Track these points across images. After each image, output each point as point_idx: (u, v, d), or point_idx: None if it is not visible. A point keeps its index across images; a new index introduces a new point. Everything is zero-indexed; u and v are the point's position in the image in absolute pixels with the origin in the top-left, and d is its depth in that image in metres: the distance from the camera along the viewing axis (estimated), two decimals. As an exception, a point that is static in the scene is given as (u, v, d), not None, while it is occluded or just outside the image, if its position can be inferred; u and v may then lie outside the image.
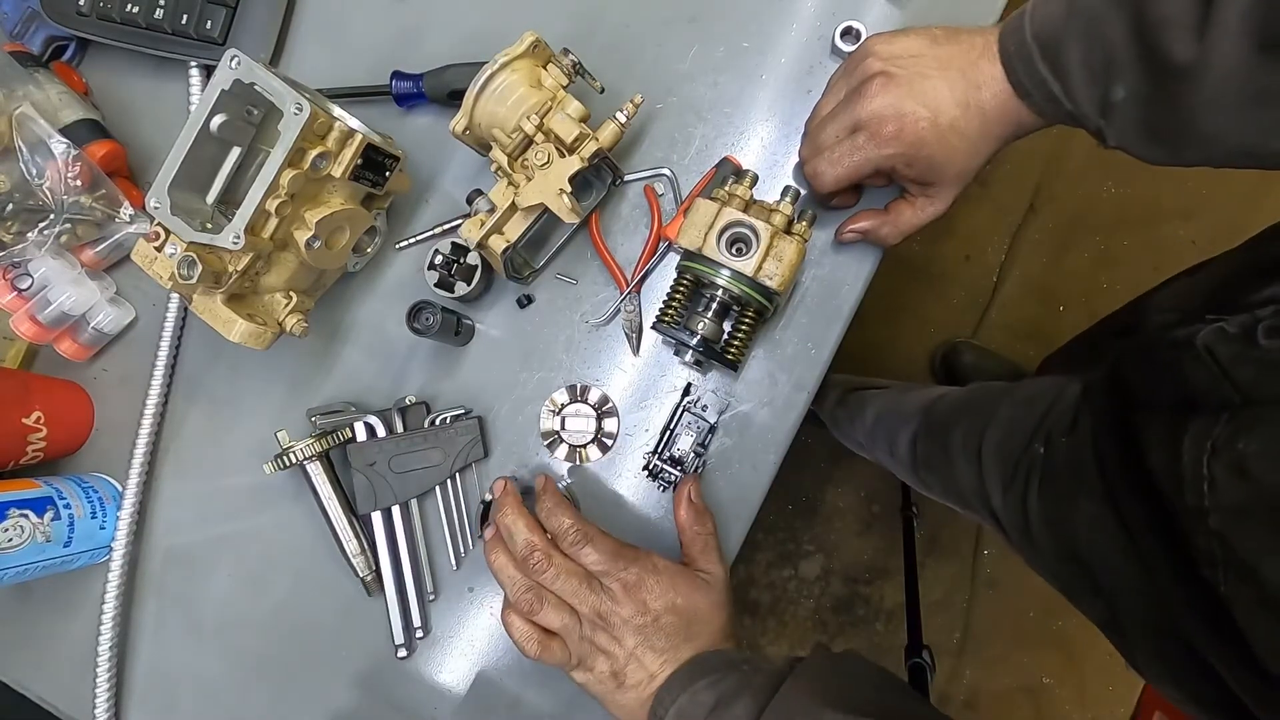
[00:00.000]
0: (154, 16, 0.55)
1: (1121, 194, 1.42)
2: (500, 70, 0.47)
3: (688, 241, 0.48)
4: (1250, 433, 0.36)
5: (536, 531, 0.47)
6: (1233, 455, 0.36)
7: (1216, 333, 0.38)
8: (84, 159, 0.53)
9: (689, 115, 0.56)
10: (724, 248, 0.47)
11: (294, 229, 0.47)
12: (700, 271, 0.48)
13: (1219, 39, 0.33)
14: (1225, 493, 0.36)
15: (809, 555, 1.46)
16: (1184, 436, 0.39)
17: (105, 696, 0.55)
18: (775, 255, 0.47)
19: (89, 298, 0.57)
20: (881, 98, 0.43)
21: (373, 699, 0.56)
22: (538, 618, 0.46)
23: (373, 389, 0.57)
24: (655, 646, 0.44)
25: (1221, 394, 0.38)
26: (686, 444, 0.54)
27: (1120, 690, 1.40)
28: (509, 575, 0.47)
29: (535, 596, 0.46)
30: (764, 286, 0.47)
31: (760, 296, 0.48)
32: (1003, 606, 1.42)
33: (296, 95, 0.42)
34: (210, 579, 0.58)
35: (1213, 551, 0.38)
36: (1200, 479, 0.37)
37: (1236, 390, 0.37)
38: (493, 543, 0.48)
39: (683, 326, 0.51)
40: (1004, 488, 0.62)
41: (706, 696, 0.41)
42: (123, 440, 0.57)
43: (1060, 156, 1.42)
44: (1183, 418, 0.40)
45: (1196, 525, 0.38)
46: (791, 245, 0.47)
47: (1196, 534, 0.38)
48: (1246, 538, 0.35)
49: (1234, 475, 0.36)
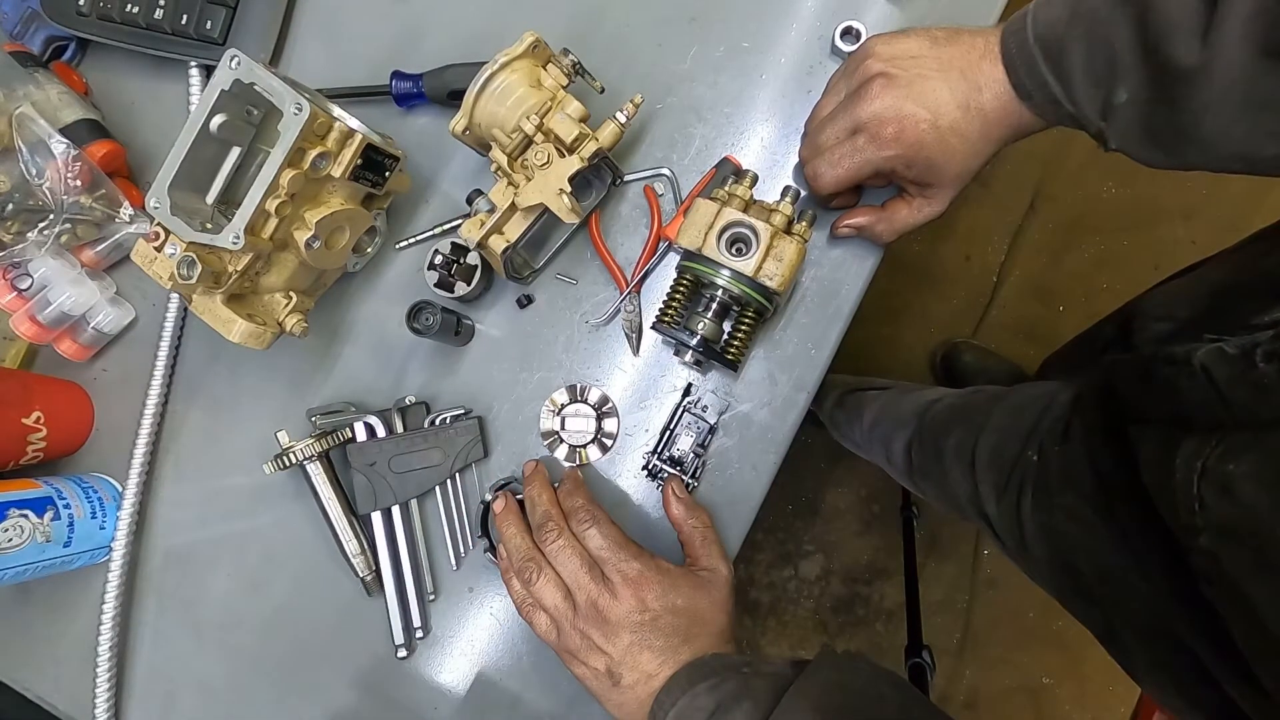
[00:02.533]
0: (154, 16, 0.55)
1: (1121, 194, 1.42)
2: (500, 70, 0.47)
3: (687, 241, 0.48)
4: (1241, 455, 0.35)
5: (557, 506, 0.49)
6: (1222, 476, 0.36)
7: (1215, 353, 0.38)
8: (84, 159, 0.53)
9: (689, 115, 0.56)
10: (724, 248, 0.47)
11: (294, 229, 0.47)
12: (700, 271, 0.48)
13: (1222, 43, 0.33)
14: (1214, 512, 0.36)
15: (809, 555, 1.46)
16: (1176, 454, 0.39)
17: (105, 696, 0.55)
18: (775, 255, 0.47)
19: (89, 298, 0.57)
20: (881, 99, 0.43)
21: (373, 699, 0.56)
22: (534, 588, 0.46)
23: (373, 389, 0.57)
24: (652, 646, 0.44)
25: (1215, 414, 0.38)
26: (686, 444, 0.54)
27: (1120, 690, 1.39)
28: (515, 544, 0.48)
29: (535, 566, 0.47)
30: (764, 286, 0.47)
31: (760, 296, 0.48)
32: (1003, 606, 1.42)
33: (296, 95, 0.42)
34: (210, 579, 0.58)
35: (1207, 569, 0.38)
36: (1191, 498, 0.37)
37: (1230, 412, 0.37)
38: (504, 514, 0.50)
39: (683, 326, 0.51)
40: (998, 495, 0.62)
41: (706, 701, 0.41)
42: (123, 440, 0.57)
43: (1060, 157, 1.42)
44: (1176, 435, 0.39)
45: (1189, 542, 0.38)
46: (791, 245, 0.47)
47: (1191, 551, 0.38)
48: (1234, 558, 0.35)
49: (1222, 496, 0.36)
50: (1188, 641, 0.43)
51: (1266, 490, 0.34)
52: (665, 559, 0.48)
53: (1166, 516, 0.40)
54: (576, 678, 0.46)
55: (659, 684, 0.43)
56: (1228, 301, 0.46)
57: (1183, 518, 0.38)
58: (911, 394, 0.91)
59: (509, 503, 0.51)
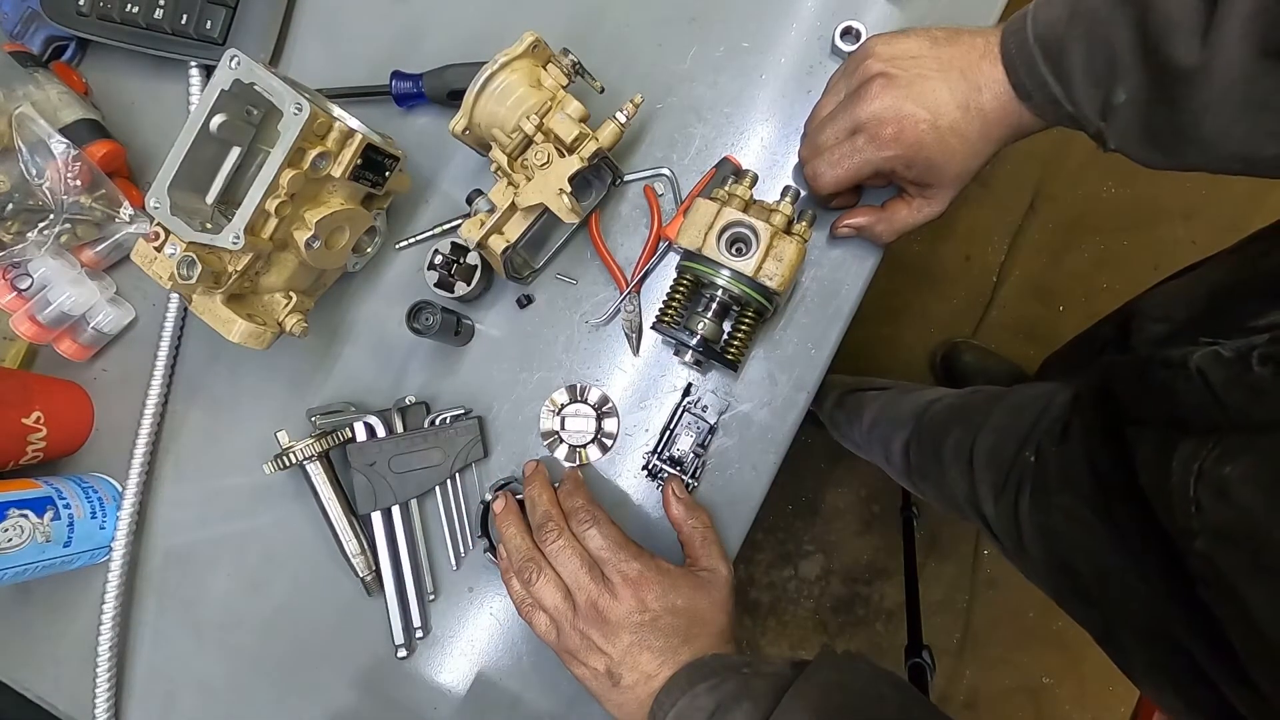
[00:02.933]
0: (154, 16, 0.55)
1: (1121, 194, 1.42)
2: (500, 70, 0.47)
3: (687, 241, 0.48)
4: (1237, 458, 0.36)
5: (557, 506, 0.49)
6: (1218, 479, 0.36)
7: (1211, 356, 0.38)
8: (84, 159, 0.53)
9: (689, 115, 0.56)
10: (724, 248, 0.47)
11: (294, 229, 0.47)
12: (700, 271, 0.48)
13: (1222, 43, 0.33)
14: (1211, 515, 0.36)
15: (809, 555, 1.46)
16: (1173, 456, 0.39)
17: (105, 696, 0.55)
18: (775, 255, 0.47)
19: (89, 298, 0.57)
20: (881, 99, 0.43)
21: (373, 699, 0.56)
22: (533, 589, 0.46)
23: (373, 389, 0.57)
24: (652, 647, 0.44)
25: (1211, 417, 0.38)
26: (686, 444, 0.54)
27: (1120, 690, 1.39)
28: (515, 544, 0.48)
29: (535, 566, 0.47)
30: (764, 286, 0.47)
31: (760, 296, 0.48)
32: (1003, 606, 1.42)
33: (296, 95, 0.42)
34: (210, 579, 0.58)
35: (1203, 571, 0.38)
36: (1188, 500, 0.37)
37: (1226, 414, 0.37)
38: (504, 514, 0.50)
39: (683, 326, 0.51)
40: (995, 496, 0.62)
41: (706, 701, 0.41)
42: (123, 440, 0.57)
43: (1060, 157, 1.42)
44: (1173, 437, 0.40)
45: (1186, 544, 0.38)
46: (791, 245, 0.47)
47: (1187, 553, 0.38)
48: (1229, 561, 0.35)
49: (1219, 499, 0.36)
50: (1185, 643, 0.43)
51: (1263, 493, 0.34)
52: (665, 559, 0.48)
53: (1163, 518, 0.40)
54: (576, 678, 0.46)
55: (659, 684, 0.43)
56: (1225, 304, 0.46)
57: (1179, 520, 0.38)
58: (911, 394, 0.91)
59: (509, 503, 0.51)
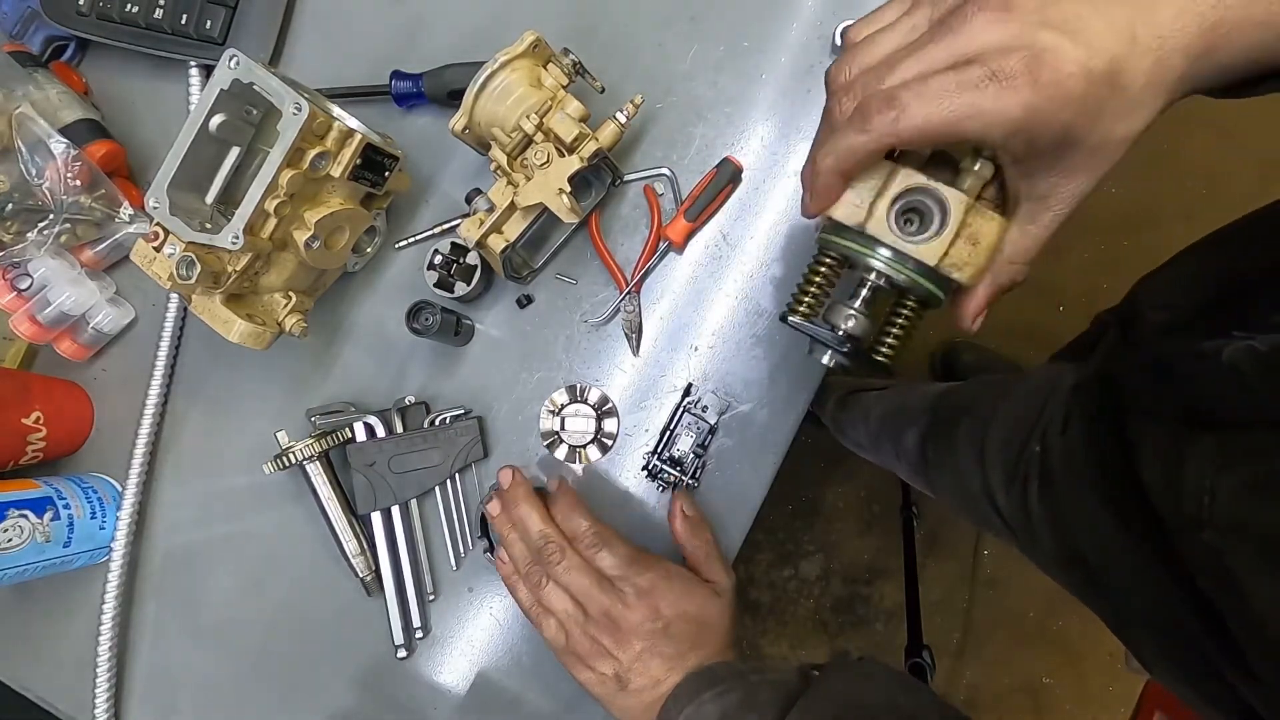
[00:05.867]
0: (154, 16, 0.55)
1: (1121, 194, 1.42)
2: (500, 69, 0.47)
3: (844, 215, 0.34)
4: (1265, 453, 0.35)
5: (551, 525, 0.48)
6: (1243, 474, 0.35)
7: (1245, 350, 0.37)
8: (83, 159, 0.53)
9: (689, 115, 0.56)
10: (895, 223, 0.34)
11: (293, 229, 0.47)
12: (850, 250, 0.35)
13: None
14: (1225, 508, 0.36)
15: (809, 555, 1.46)
16: (1188, 447, 0.38)
17: (105, 696, 0.55)
18: (969, 237, 0.33)
19: (88, 298, 0.57)
20: (1000, 27, 0.28)
21: (373, 699, 0.56)
22: (542, 593, 0.46)
23: (372, 389, 0.57)
24: (662, 653, 0.44)
25: (1241, 411, 0.37)
26: (686, 444, 0.54)
27: (1120, 690, 1.39)
28: (519, 549, 0.47)
29: (543, 572, 0.46)
30: (945, 278, 0.34)
31: (935, 287, 0.35)
32: (1003, 606, 1.42)
33: (296, 95, 0.42)
34: (210, 579, 0.58)
35: (1204, 562, 0.37)
36: (1202, 491, 0.37)
37: (1259, 410, 0.36)
38: (502, 518, 0.49)
39: (821, 318, 0.38)
40: (1006, 487, 0.61)
41: (712, 709, 0.41)
42: (122, 440, 0.57)
43: (1060, 156, 1.42)
44: (1188, 429, 0.39)
45: (1189, 535, 0.38)
46: (992, 224, 0.33)
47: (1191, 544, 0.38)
48: (1239, 555, 0.35)
49: (1238, 494, 0.35)
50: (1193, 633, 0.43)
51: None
52: (671, 560, 0.48)
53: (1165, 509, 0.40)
54: (580, 682, 0.46)
55: (666, 689, 0.44)
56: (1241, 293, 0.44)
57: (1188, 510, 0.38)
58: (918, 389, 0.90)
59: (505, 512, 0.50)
